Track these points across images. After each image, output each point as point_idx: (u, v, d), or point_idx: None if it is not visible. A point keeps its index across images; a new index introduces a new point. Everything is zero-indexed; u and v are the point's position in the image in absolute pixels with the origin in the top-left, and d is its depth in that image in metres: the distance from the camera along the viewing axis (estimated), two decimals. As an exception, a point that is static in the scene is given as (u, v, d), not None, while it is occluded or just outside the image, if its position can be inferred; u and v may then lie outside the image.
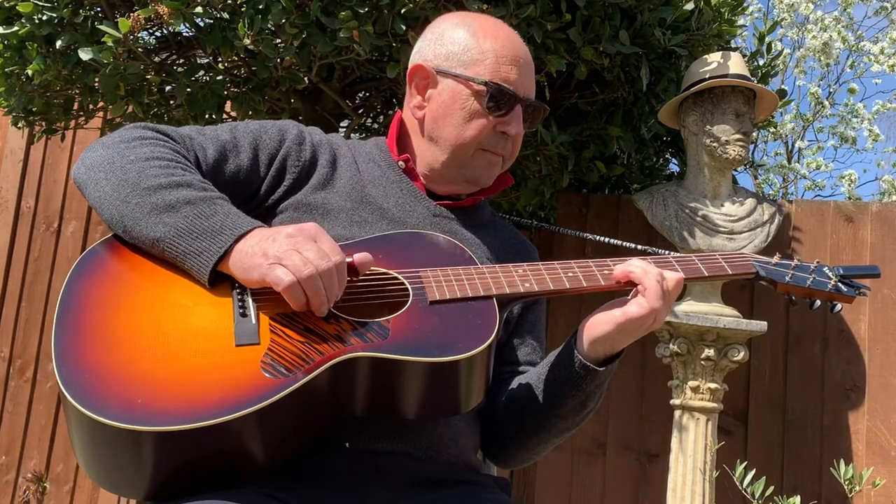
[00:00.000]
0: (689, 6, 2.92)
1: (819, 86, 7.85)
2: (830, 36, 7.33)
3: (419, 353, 1.20)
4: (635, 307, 1.30)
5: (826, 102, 7.72)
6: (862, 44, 7.65)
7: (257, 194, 1.44)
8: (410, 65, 1.54)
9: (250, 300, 1.24)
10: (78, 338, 1.17)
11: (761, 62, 3.49)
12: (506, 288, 1.33)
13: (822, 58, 7.52)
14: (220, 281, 1.25)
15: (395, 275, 1.32)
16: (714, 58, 2.98)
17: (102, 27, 2.53)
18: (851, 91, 7.64)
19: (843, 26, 7.57)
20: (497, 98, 1.46)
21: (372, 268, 1.30)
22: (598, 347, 1.34)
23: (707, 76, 2.95)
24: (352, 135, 3.31)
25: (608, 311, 1.33)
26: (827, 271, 1.42)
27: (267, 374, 1.13)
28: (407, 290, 1.30)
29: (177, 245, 1.24)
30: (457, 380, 1.24)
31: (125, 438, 1.07)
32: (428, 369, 1.21)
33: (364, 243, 1.34)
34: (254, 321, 1.21)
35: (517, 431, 1.48)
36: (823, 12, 7.56)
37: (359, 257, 1.26)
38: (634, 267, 1.33)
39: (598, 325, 1.33)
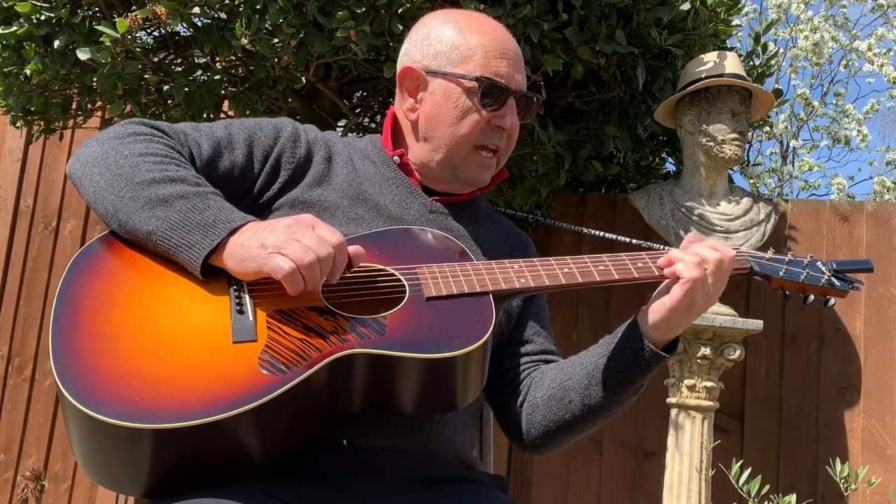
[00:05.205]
0: (686, 6, 2.93)
1: (811, 85, 7.87)
2: (822, 36, 7.34)
3: (416, 349, 1.20)
4: (677, 288, 1.33)
5: (815, 103, 7.73)
6: (856, 43, 7.66)
7: (251, 191, 1.44)
8: (399, 67, 1.54)
9: (247, 297, 1.24)
10: (75, 335, 1.17)
11: (757, 62, 3.50)
12: (502, 284, 1.33)
13: (813, 58, 7.53)
14: (216, 278, 1.25)
15: (392, 271, 1.32)
16: (710, 57, 2.99)
17: (100, 27, 2.54)
18: (838, 95, 7.67)
19: (832, 24, 7.57)
20: (489, 93, 1.45)
21: (368, 264, 1.31)
22: (655, 332, 1.37)
23: (703, 76, 2.95)
24: (349, 134, 3.31)
25: (658, 299, 1.36)
26: (820, 266, 1.43)
27: (264, 371, 1.14)
28: (403, 286, 1.30)
29: (169, 238, 1.24)
30: (454, 376, 1.24)
31: (123, 436, 1.07)
32: (425, 366, 1.21)
33: (359, 240, 1.34)
34: (251, 318, 1.21)
35: (563, 418, 1.45)
36: (814, 13, 7.58)
37: (352, 250, 1.25)
38: (673, 252, 1.37)
39: (652, 314, 1.36)
